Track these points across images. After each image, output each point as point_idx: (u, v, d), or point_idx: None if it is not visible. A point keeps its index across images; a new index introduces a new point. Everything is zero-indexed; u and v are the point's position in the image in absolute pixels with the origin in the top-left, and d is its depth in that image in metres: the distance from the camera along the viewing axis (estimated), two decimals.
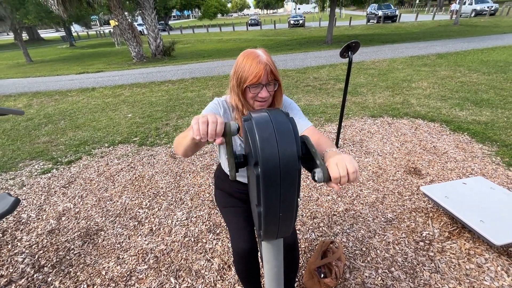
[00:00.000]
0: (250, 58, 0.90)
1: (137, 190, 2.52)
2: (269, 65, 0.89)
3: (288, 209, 0.74)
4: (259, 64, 0.88)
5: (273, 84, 0.93)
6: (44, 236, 2.03)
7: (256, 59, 0.89)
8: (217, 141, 0.64)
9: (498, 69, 5.70)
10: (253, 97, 0.94)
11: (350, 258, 1.68)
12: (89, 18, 27.82)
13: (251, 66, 0.88)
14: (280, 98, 1.01)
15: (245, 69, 0.89)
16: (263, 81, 0.90)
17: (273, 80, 0.92)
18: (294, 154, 0.66)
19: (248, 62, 0.89)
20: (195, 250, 1.81)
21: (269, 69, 0.89)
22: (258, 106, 0.96)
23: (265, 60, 0.89)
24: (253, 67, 0.88)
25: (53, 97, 6.21)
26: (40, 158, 3.26)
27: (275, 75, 0.91)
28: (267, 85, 0.91)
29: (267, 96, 0.93)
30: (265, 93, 0.92)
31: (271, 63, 0.90)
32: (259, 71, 0.88)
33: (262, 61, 0.88)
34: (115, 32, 10.78)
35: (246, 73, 0.89)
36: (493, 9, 20.03)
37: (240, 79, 0.92)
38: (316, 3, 14.48)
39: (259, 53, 0.91)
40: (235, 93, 0.97)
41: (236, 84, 0.94)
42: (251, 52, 0.92)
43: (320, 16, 27.94)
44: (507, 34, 11.08)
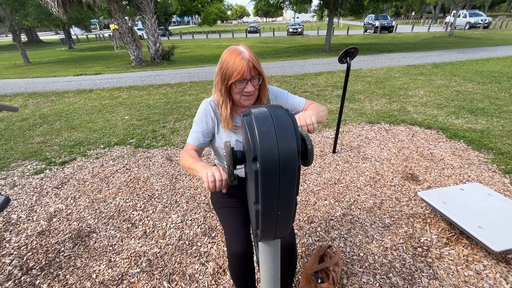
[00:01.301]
0: (234, 55, 0.92)
1: (132, 192, 2.48)
2: (251, 61, 0.92)
3: (287, 207, 0.72)
4: (242, 60, 0.91)
5: (257, 79, 0.96)
6: (34, 237, 1.97)
7: (239, 56, 0.91)
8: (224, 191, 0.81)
9: (493, 79, 5.80)
10: (239, 92, 0.96)
11: (347, 264, 1.65)
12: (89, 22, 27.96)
13: (234, 62, 0.91)
14: (265, 90, 1.04)
15: (229, 66, 0.92)
16: (247, 76, 0.93)
17: (256, 74, 0.95)
18: (293, 149, 0.64)
19: (231, 59, 0.92)
20: (190, 254, 1.77)
21: (251, 65, 0.92)
22: (245, 100, 0.99)
23: (248, 56, 0.92)
24: (237, 64, 0.91)
25: (50, 98, 6.16)
26: (33, 159, 3.20)
27: (258, 69, 0.94)
28: (251, 80, 0.94)
29: (253, 90, 0.96)
30: (250, 88, 0.95)
31: (253, 59, 0.93)
32: (243, 67, 0.90)
33: (245, 58, 0.91)
34: (115, 36, 10.81)
35: (230, 70, 0.92)
36: (487, 22, 20.54)
37: (224, 75, 0.95)
38: (315, 12, 14.72)
39: (242, 49, 0.94)
40: (218, 89, 1.00)
41: (221, 80, 0.97)
42: (234, 49, 0.94)
43: (318, 25, 28.40)
44: (500, 46, 11.33)
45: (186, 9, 32.88)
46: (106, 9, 13.09)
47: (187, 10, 33.63)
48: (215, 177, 0.76)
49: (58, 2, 8.59)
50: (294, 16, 46.03)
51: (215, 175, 0.76)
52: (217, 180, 0.76)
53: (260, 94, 1.03)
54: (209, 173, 0.76)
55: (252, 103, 1.02)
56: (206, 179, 0.76)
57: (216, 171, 0.77)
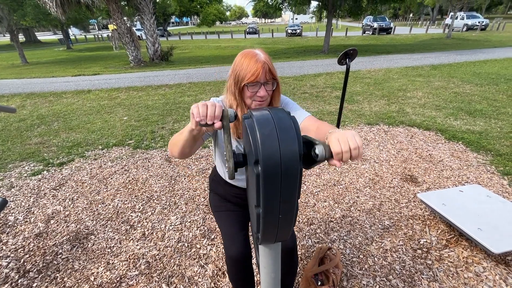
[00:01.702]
0: (248, 57, 0.89)
1: (130, 194, 2.46)
2: (267, 64, 0.89)
3: (288, 210, 0.72)
4: (257, 62, 0.88)
5: (272, 84, 0.92)
6: (31, 239, 1.95)
7: (254, 58, 0.89)
8: (217, 125, 0.66)
9: (490, 81, 5.83)
10: (251, 96, 0.92)
11: (347, 266, 1.64)
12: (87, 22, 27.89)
13: (249, 64, 0.88)
14: (278, 98, 0.99)
15: (243, 68, 0.89)
16: (261, 80, 0.89)
17: (271, 79, 0.91)
18: (295, 152, 0.64)
19: (246, 61, 0.89)
20: (189, 256, 1.76)
21: (267, 68, 0.89)
22: (256, 105, 0.94)
23: (263, 59, 0.89)
24: (251, 66, 0.88)
25: (47, 98, 6.12)
26: (31, 160, 3.18)
27: (273, 74, 0.91)
28: (265, 84, 0.91)
29: (265, 96, 0.92)
30: (263, 92, 0.91)
31: (269, 62, 0.90)
32: (257, 69, 0.87)
33: (260, 60, 0.88)
34: (113, 36, 10.77)
35: (244, 72, 0.89)
36: (484, 24, 20.69)
37: (237, 77, 0.91)
38: (313, 13, 14.76)
39: (257, 52, 0.91)
40: (231, 93, 0.95)
41: (234, 82, 0.93)
42: (249, 52, 0.91)
43: (317, 26, 28.48)
44: (497, 48, 11.41)
45: (185, 10, 32.86)
46: (104, 9, 13.06)
47: (186, 11, 33.61)
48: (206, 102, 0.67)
49: (57, 2, 8.56)
50: (292, 17, 46.16)
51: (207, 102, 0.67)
52: (210, 104, 0.66)
53: (272, 100, 0.98)
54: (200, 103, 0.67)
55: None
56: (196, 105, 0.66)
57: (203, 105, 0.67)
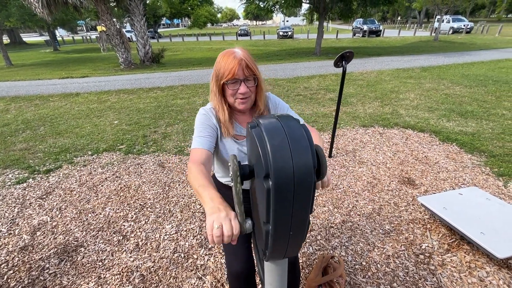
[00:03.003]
0: (226, 55, 0.90)
1: (122, 202, 2.36)
2: (244, 60, 0.88)
3: (300, 226, 0.66)
4: (234, 59, 0.88)
5: (253, 80, 0.92)
6: (16, 253, 1.83)
7: (231, 55, 0.89)
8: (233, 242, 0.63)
9: (479, 83, 5.96)
10: (233, 94, 0.92)
11: (350, 273, 1.60)
12: (75, 23, 27.28)
13: (226, 62, 0.88)
14: (261, 94, 0.97)
15: (221, 66, 0.89)
16: (240, 76, 0.89)
17: (251, 75, 0.90)
18: (309, 165, 0.58)
19: (224, 59, 0.90)
20: (186, 267, 1.68)
21: (244, 64, 0.88)
22: (240, 103, 0.93)
23: (240, 55, 0.88)
24: (228, 63, 0.88)
25: (33, 102, 5.90)
26: (15, 167, 3.02)
27: (252, 69, 0.90)
28: (245, 81, 0.90)
29: (247, 92, 0.91)
30: (243, 89, 0.90)
31: (247, 58, 0.89)
32: (234, 66, 0.87)
33: (237, 57, 0.88)
34: (101, 38, 10.53)
35: (222, 70, 0.89)
36: (469, 27, 21.33)
37: (217, 76, 0.91)
38: (305, 16, 14.86)
39: (235, 50, 0.91)
40: (214, 94, 0.96)
41: (215, 82, 0.93)
42: (227, 51, 0.92)
43: (308, 29, 28.75)
44: (483, 50, 11.75)
45: (176, 11, 32.58)
46: (93, 10, 12.78)
47: (176, 13, 33.32)
48: (222, 231, 0.57)
49: (43, 2, 8.30)
50: (284, 19, 46.45)
51: (224, 228, 0.57)
52: (226, 235, 0.57)
53: (256, 97, 0.97)
54: (216, 223, 0.57)
55: (247, 107, 0.96)
56: (211, 231, 0.57)
57: (226, 220, 0.58)
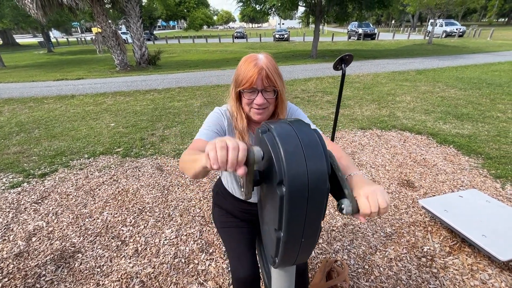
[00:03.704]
0: (248, 61, 0.84)
1: (121, 206, 2.32)
2: (265, 70, 0.81)
3: (312, 233, 0.65)
4: (254, 67, 0.81)
5: (272, 92, 0.85)
6: (11, 260, 1.78)
7: (252, 62, 0.83)
8: (240, 172, 0.51)
9: (473, 86, 6.06)
10: (248, 103, 0.86)
11: (353, 277, 1.59)
12: (69, 24, 27.02)
13: (246, 69, 0.83)
14: (282, 107, 0.91)
15: (241, 72, 0.84)
16: (258, 86, 0.83)
17: (270, 86, 0.84)
18: (324, 172, 0.57)
19: (244, 65, 0.84)
20: (186, 273, 1.65)
21: (264, 74, 0.82)
22: (255, 114, 0.88)
23: (262, 64, 0.82)
24: (248, 70, 0.82)
25: (27, 104, 5.81)
26: (9, 171, 2.95)
27: (272, 80, 0.83)
28: (263, 92, 0.84)
29: (264, 103, 0.85)
30: (260, 100, 0.84)
31: (269, 68, 0.82)
32: (253, 75, 0.81)
33: (258, 65, 0.82)
34: (97, 39, 10.43)
35: (241, 77, 0.84)
36: (461, 31, 21.72)
37: (236, 82, 0.87)
38: (301, 19, 14.97)
39: (259, 56, 0.85)
40: (232, 99, 0.91)
41: (233, 86, 0.88)
42: (250, 55, 0.86)
43: (304, 31, 28.97)
44: (476, 54, 11.95)
45: (172, 13, 32.54)
46: (88, 12, 12.67)
47: (172, 15, 33.29)
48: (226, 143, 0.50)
49: (37, 4, 8.20)
50: (280, 22, 46.75)
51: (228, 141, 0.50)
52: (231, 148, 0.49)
53: (276, 110, 0.91)
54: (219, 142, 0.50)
55: (263, 118, 0.89)
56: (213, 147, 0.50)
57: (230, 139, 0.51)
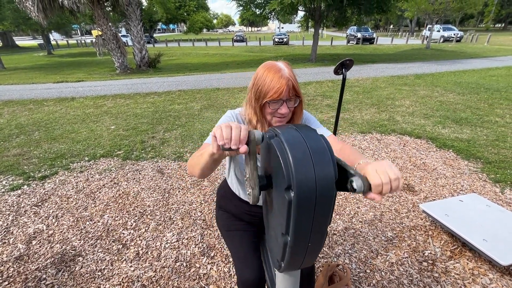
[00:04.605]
0: (272, 71, 0.85)
1: (121, 209, 2.32)
2: (291, 80, 0.84)
3: (318, 238, 0.66)
4: (281, 78, 0.83)
5: (294, 100, 0.88)
6: (11, 263, 1.77)
7: (278, 73, 0.83)
8: (242, 149, 0.58)
9: (471, 90, 6.11)
10: (272, 112, 0.88)
11: (355, 281, 1.59)
12: (70, 27, 27.10)
13: (272, 80, 0.83)
14: (300, 114, 0.95)
15: (265, 83, 0.84)
16: (284, 97, 0.85)
17: (294, 96, 0.87)
18: (332, 177, 0.58)
19: (269, 76, 0.84)
20: (188, 277, 1.65)
21: (291, 85, 0.84)
22: (276, 122, 0.90)
23: (288, 75, 0.84)
24: (275, 82, 0.83)
25: (27, 106, 5.80)
26: (9, 173, 2.95)
27: (296, 90, 0.86)
28: (287, 101, 0.86)
29: (287, 113, 0.88)
30: (285, 110, 0.86)
31: (293, 78, 0.85)
32: (281, 87, 0.82)
33: (284, 76, 0.83)
34: (98, 42, 10.47)
35: (266, 88, 0.84)
36: (459, 36, 21.96)
37: (259, 93, 0.86)
38: (300, 23, 15.09)
39: (282, 66, 0.86)
40: (252, 107, 0.91)
41: (254, 98, 0.88)
42: (273, 65, 0.86)
43: (303, 35, 29.16)
44: (473, 59, 12.07)
45: (172, 17, 32.72)
46: (88, 15, 12.73)
47: (172, 18, 33.46)
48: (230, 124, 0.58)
49: (39, 6, 8.24)
50: (279, 26, 47.07)
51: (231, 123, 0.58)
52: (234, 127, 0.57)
53: (293, 117, 0.94)
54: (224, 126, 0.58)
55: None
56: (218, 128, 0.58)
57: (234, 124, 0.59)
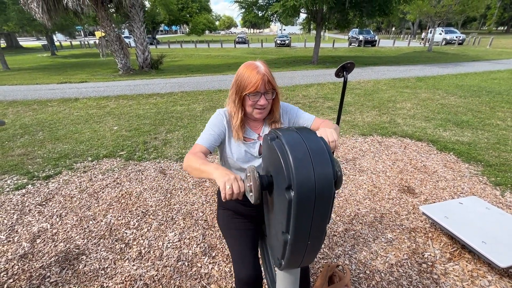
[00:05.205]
0: (250, 68, 0.98)
1: (124, 209, 2.35)
2: (266, 76, 0.97)
3: (318, 236, 0.68)
4: (257, 74, 0.96)
5: (271, 93, 1.01)
6: (16, 261, 1.80)
7: (255, 70, 0.97)
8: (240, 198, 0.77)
9: (473, 93, 6.11)
10: (252, 104, 1.01)
11: (354, 282, 1.61)
12: (73, 28, 27.32)
13: (250, 75, 0.97)
14: (277, 105, 1.09)
15: (244, 78, 0.98)
16: (261, 90, 0.98)
17: (270, 89, 1.00)
18: (330, 177, 0.61)
19: (247, 72, 0.98)
20: (190, 276, 1.67)
21: (266, 79, 0.97)
22: (257, 113, 1.03)
23: (263, 71, 0.98)
24: (252, 77, 0.96)
25: (31, 106, 5.87)
26: (13, 172, 2.99)
27: (272, 84, 1.00)
28: (265, 94, 0.99)
29: (265, 104, 1.01)
30: (263, 101, 1.00)
31: (268, 74, 0.99)
32: (257, 81, 0.96)
33: (260, 72, 0.97)
34: (101, 43, 10.56)
35: (245, 82, 0.98)
36: (461, 39, 21.95)
37: (239, 87, 1.00)
38: (302, 25, 15.15)
39: (258, 64, 1.00)
40: (232, 100, 1.05)
41: (235, 91, 1.02)
42: (251, 64, 1.01)
43: (305, 38, 29.23)
44: (475, 62, 12.07)
45: (174, 18, 32.90)
46: (92, 16, 12.85)
47: (175, 20, 33.65)
48: (233, 190, 0.75)
49: (43, 8, 8.34)
50: (281, 28, 47.22)
51: (234, 187, 0.75)
52: (235, 193, 0.76)
53: (273, 108, 1.08)
54: (227, 184, 0.75)
55: (263, 116, 1.06)
56: (224, 190, 0.75)
57: (235, 182, 0.76)
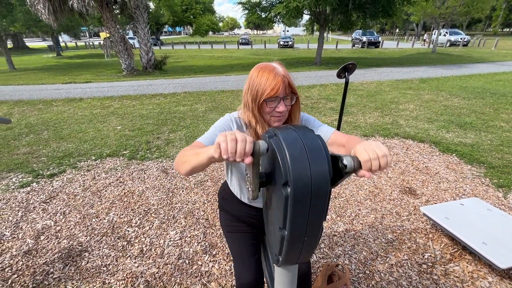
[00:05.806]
0: (267, 71, 0.86)
1: (126, 207, 2.37)
2: (286, 78, 0.86)
3: (314, 232, 0.70)
4: (276, 76, 0.84)
5: (290, 98, 0.88)
6: (20, 257, 1.83)
7: (272, 72, 0.85)
8: (247, 161, 0.59)
9: (477, 95, 6.07)
10: (270, 112, 0.89)
11: (354, 282, 1.61)
12: (79, 29, 27.62)
13: (268, 79, 0.84)
14: (297, 113, 0.95)
15: (261, 82, 0.85)
16: (281, 94, 0.85)
17: (290, 93, 0.88)
18: (326, 174, 0.62)
19: (264, 75, 0.85)
20: (190, 274, 1.69)
21: (287, 82, 0.86)
22: (275, 121, 0.91)
23: (282, 72, 0.86)
24: (270, 80, 0.84)
25: (36, 106, 5.95)
26: (18, 171, 3.03)
27: (292, 88, 0.87)
28: (284, 99, 0.87)
29: (285, 111, 0.88)
30: (282, 107, 0.87)
31: (288, 76, 0.87)
32: (277, 83, 0.83)
33: (279, 73, 0.85)
34: (105, 44, 10.66)
35: (263, 86, 0.85)
36: (466, 40, 21.78)
37: (256, 93, 0.87)
38: (305, 26, 15.15)
39: (275, 65, 0.88)
40: (249, 109, 0.92)
41: (251, 99, 0.89)
42: (266, 65, 0.88)
43: (308, 39, 29.22)
44: (480, 63, 11.97)
45: (178, 19, 33.12)
46: (97, 17, 12.98)
47: (179, 21, 33.87)
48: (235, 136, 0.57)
49: (49, 9, 8.46)
50: (284, 29, 47.29)
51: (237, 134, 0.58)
52: (240, 140, 0.57)
53: (291, 116, 0.94)
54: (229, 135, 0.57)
55: (281, 124, 0.92)
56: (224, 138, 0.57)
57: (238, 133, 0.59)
